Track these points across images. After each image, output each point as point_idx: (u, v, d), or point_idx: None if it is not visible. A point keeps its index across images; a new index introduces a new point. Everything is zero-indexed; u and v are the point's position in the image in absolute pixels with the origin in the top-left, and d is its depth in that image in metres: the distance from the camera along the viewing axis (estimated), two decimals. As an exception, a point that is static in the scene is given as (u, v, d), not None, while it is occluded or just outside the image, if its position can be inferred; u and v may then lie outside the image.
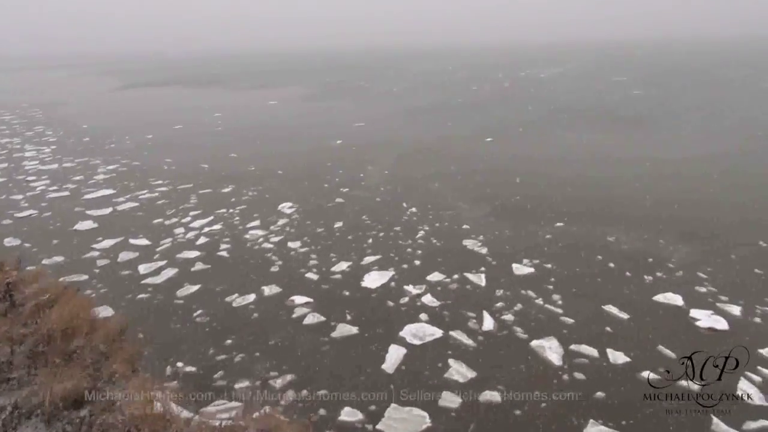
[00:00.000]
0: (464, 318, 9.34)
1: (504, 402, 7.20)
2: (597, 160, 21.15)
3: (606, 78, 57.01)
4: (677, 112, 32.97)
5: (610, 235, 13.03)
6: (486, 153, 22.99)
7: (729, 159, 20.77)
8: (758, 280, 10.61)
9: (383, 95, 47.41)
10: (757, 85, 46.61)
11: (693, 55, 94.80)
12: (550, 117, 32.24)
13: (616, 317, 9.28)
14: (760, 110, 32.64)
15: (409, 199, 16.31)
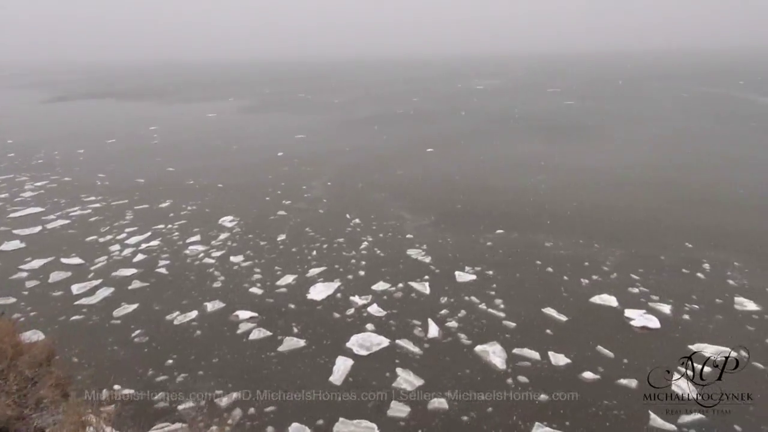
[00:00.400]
0: (410, 326, 9.42)
1: (451, 408, 7.29)
2: (532, 168, 21.80)
3: (541, 89, 59.01)
4: (606, 121, 34.48)
5: (547, 241, 13.45)
6: (427, 163, 23.32)
7: (654, 166, 21.86)
8: (685, 279, 11.20)
9: (324, 106, 47.36)
10: (677, 95, 49.36)
11: (628, 67, 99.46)
12: (486, 127, 33.04)
13: (556, 320, 9.58)
14: (679, 119, 34.54)
15: (353, 211, 16.33)
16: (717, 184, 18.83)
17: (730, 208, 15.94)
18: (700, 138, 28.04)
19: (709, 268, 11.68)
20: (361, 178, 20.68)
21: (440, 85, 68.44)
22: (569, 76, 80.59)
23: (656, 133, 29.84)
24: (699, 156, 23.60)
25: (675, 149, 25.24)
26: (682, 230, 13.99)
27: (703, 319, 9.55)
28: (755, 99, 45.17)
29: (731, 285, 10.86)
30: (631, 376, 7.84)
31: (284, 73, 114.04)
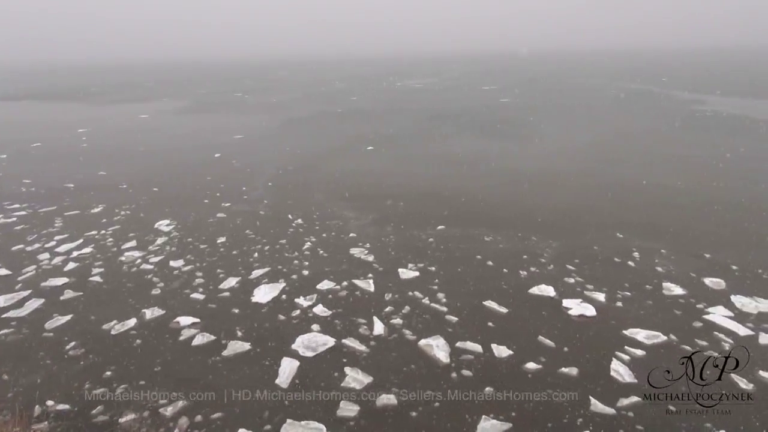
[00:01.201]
0: (356, 325, 9.44)
1: (400, 404, 7.36)
2: (469, 165, 22.28)
3: (477, 87, 60.22)
4: (539, 117, 35.60)
5: (487, 236, 13.79)
6: (367, 161, 23.41)
7: (585, 161, 22.77)
8: (617, 268, 11.74)
9: (262, 106, 46.67)
10: (606, 92, 51.51)
11: (563, 64, 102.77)
12: (424, 125, 33.48)
13: (497, 312, 9.83)
14: (608, 115, 36.09)
15: (295, 211, 16.20)
16: (644, 177, 19.79)
17: (657, 201, 16.82)
18: (627, 134, 29.39)
19: (638, 256, 12.28)
20: (303, 178, 20.53)
21: (379, 84, 68.70)
22: (506, 74, 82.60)
23: (585, 127, 31.07)
24: (627, 151, 24.72)
25: (605, 145, 26.36)
26: (613, 222, 14.65)
27: (635, 305, 10.03)
28: (676, 95, 47.71)
29: (659, 272, 11.46)
30: (571, 364, 8.15)
31: (221, 72, 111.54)
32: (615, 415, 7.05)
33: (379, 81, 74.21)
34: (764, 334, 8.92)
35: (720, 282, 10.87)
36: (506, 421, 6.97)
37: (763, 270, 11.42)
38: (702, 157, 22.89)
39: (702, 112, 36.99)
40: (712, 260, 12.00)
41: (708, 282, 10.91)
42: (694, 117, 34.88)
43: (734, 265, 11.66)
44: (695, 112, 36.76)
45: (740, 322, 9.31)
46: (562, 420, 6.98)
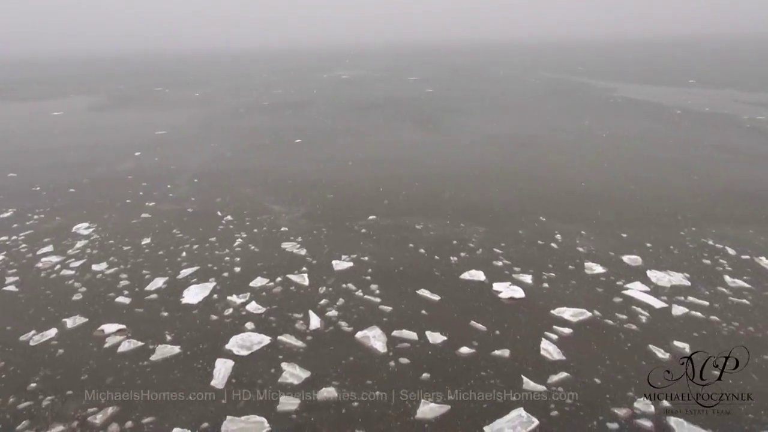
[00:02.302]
0: (291, 320, 9.36)
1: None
2: (397, 154, 22.50)
3: (403, 78, 60.71)
4: (464, 107, 36.38)
5: (417, 224, 14.00)
6: (296, 154, 23.17)
7: (509, 149, 23.49)
8: (541, 250, 12.23)
9: (185, 101, 45.12)
10: (527, 81, 53.26)
11: (485, 56, 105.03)
12: (351, 116, 33.48)
13: (430, 299, 10.01)
14: (530, 105, 37.36)
15: (224, 208, 15.82)
16: (562, 162, 20.66)
17: (576, 185, 17.61)
18: (544, 121, 30.55)
19: (560, 238, 12.83)
20: (230, 173, 20.06)
21: (305, 76, 67.95)
22: (432, 65, 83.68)
23: (505, 115, 32.06)
24: (544, 138, 25.71)
25: (523, 132, 27.28)
26: (536, 206, 15.24)
27: (561, 285, 10.49)
28: (592, 83, 49.97)
29: (580, 252, 12.03)
30: (503, 346, 8.43)
31: (142, 66, 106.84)
32: (546, 391, 7.36)
33: (306, 73, 73.39)
34: (677, 306, 9.55)
35: (636, 259, 11.53)
36: (444, 404, 7.14)
37: (674, 246, 12.21)
38: (614, 141, 24.14)
39: (615, 98, 38.95)
40: (628, 239, 12.70)
41: (626, 259, 11.55)
42: (607, 103, 36.69)
43: (648, 243, 12.40)
44: (608, 99, 38.67)
45: (655, 296, 9.93)
46: (497, 399, 7.23)
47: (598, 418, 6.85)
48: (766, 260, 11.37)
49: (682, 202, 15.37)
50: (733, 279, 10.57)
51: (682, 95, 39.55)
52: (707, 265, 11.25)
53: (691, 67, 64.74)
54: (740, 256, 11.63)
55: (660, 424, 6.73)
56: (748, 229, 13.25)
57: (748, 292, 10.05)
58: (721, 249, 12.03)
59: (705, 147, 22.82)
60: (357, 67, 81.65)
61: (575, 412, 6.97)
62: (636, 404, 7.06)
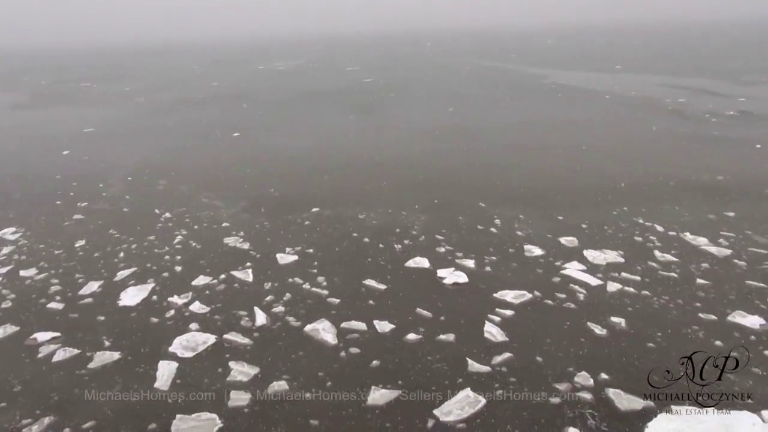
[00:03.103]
0: (236, 318, 9.20)
1: (292, 388, 7.36)
2: (337, 145, 22.44)
3: (340, 68, 60.37)
4: (400, 96, 36.60)
5: (360, 214, 14.03)
6: (234, 148, 22.73)
7: (445, 135, 23.83)
8: (482, 235, 12.51)
9: (114, 96, 43.31)
10: (462, 69, 54.06)
11: (420, 45, 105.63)
12: (289, 108, 33.09)
13: (377, 289, 10.08)
14: (466, 91, 37.97)
15: (161, 205, 15.33)
16: (498, 148, 21.16)
17: (512, 170, 18.09)
18: (479, 107, 31.18)
19: (500, 223, 13.15)
20: (165, 170, 19.45)
21: (241, 68, 66.51)
22: (371, 54, 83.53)
23: (441, 103, 32.46)
24: (480, 124, 26.24)
25: (460, 119, 27.73)
26: (475, 192, 15.55)
27: (502, 268, 10.77)
28: (524, 70, 51.23)
29: (520, 235, 12.38)
30: (448, 330, 8.60)
31: (65, 60, 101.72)
32: (490, 372, 7.58)
33: (241, 65, 71.83)
34: (612, 283, 9.99)
35: (573, 240, 11.97)
36: (394, 389, 7.25)
37: (608, 226, 12.74)
38: (546, 127, 24.91)
39: (546, 85, 40.11)
40: (564, 221, 13.16)
41: (563, 241, 11.97)
42: (540, 89, 37.74)
43: (584, 224, 12.88)
44: (541, 85, 39.78)
45: (592, 274, 10.35)
46: (444, 382, 7.38)
47: (540, 393, 7.11)
48: (690, 235, 12.04)
49: (613, 184, 16.04)
50: (662, 254, 11.14)
51: (609, 81, 41.13)
52: (638, 242, 11.80)
53: (621, 53, 67.35)
54: (668, 233, 12.26)
55: (599, 395, 7.05)
56: (674, 206, 13.98)
57: (676, 266, 10.62)
58: (650, 226, 12.65)
59: (630, 130, 23.86)
60: (294, 58, 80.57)
61: (519, 390, 7.21)
62: (576, 378, 7.36)
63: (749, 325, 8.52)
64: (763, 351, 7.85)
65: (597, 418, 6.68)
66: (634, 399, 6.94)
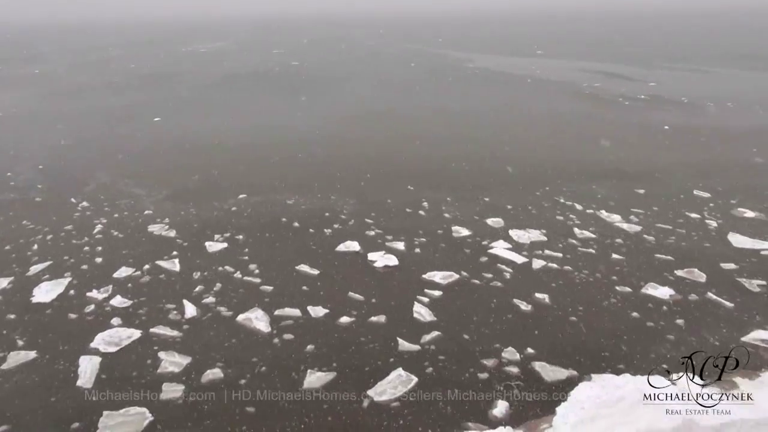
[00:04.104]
0: (164, 311, 8.88)
1: (227, 376, 7.27)
2: (264, 130, 22.02)
3: (265, 51, 58.98)
4: (327, 78, 36.29)
5: (289, 199, 13.90)
6: (155, 132, 21.84)
7: (374, 119, 23.91)
8: (411, 218, 12.71)
9: (22, 79, 40.39)
10: (387, 52, 54.16)
11: (352, 29, 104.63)
12: (213, 91, 32.14)
13: (310, 274, 10.06)
14: (389, 74, 38.12)
15: (77, 194, 14.54)
16: (426, 133, 21.44)
17: (439, 154, 18.39)
18: (407, 90, 31.45)
19: (428, 205, 13.40)
20: (80, 156, 18.46)
21: (162, 49, 63.65)
22: (300, 37, 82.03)
23: (369, 87, 32.51)
24: (407, 107, 26.50)
25: (387, 102, 27.87)
26: (402, 176, 15.72)
27: (431, 249, 11.00)
28: (451, 54, 51.97)
29: (447, 217, 12.66)
30: (379, 312, 8.73)
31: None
32: (420, 351, 7.78)
33: (162, 46, 68.70)
34: (536, 260, 10.44)
35: (499, 220, 12.38)
36: (329, 371, 7.34)
37: (532, 207, 13.26)
38: (469, 111, 25.49)
39: (471, 69, 40.91)
40: (490, 203, 13.57)
41: (489, 221, 12.35)
42: (464, 74, 38.46)
43: (509, 205, 13.33)
44: (466, 69, 40.54)
45: (517, 252, 10.77)
46: (377, 362, 7.53)
47: (469, 369, 7.38)
48: (605, 213, 12.73)
49: (535, 166, 16.67)
50: (581, 231, 11.73)
51: (531, 65, 42.43)
52: (560, 221, 12.37)
53: (542, 39, 69.49)
54: (585, 211, 12.92)
55: (526, 369, 7.40)
56: (591, 185, 14.72)
57: (594, 242, 11.23)
58: (570, 206, 13.27)
59: (550, 112, 24.81)
60: (219, 40, 77.88)
61: (448, 367, 7.45)
62: (503, 354, 7.68)
63: (660, 296, 9.17)
64: (675, 320, 8.48)
65: (524, 389, 7.01)
66: (558, 370, 7.34)
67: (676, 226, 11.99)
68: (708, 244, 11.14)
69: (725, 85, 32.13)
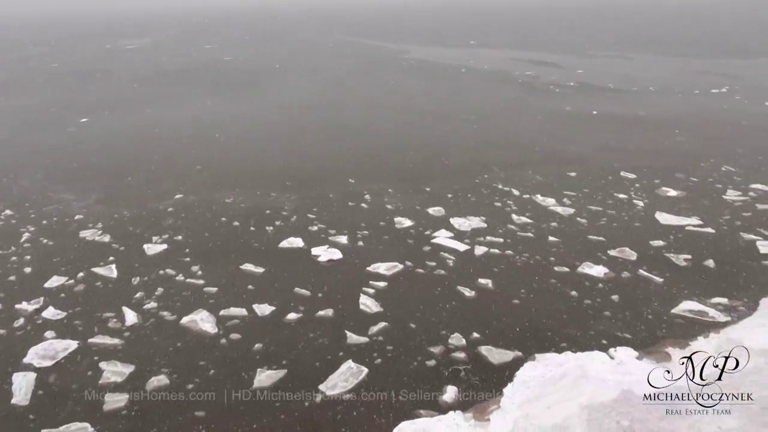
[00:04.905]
0: (102, 320, 8.52)
1: (173, 382, 7.11)
2: (194, 128, 21.38)
3: (198, 46, 57.30)
4: (262, 72, 35.72)
5: (227, 198, 13.63)
6: (82, 134, 20.87)
7: (309, 112, 23.74)
8: (353, 211, 12.76)
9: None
10: (323, 44, 53.76)
11: (282, 22, 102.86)
12: (140, 89, 31.00)
13: (254, 273, 9.93)
14: (326, 66, 37.90)
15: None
16: (364, 123, 21.49)
17: (379, 145, 18.49)
18: (343, 83, 31.36)
19: (370, 198, 13.47)
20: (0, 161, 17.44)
21: (85, 46, 60.69)
22: (233, 31, 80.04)
23: (306, 81, 32.21)
24: (348, 101, 26.41)
25: (327, 97, 27.68)
26: (343, 169, 15.72)
27: (374, 242, 11.08)
28: (385, 45, 52.09)
29: (389, 209, 12.77)
30: (326, 307, 8.74)
31: None
32: (368, 342, 7.87)
33: (86, 43, 65.51)
34: (478, 247, 10.70)
35: (440, 209, 12.58)
36: (279, 368, 7.31)
37: (471, 194, 13.55)
38: (406, 100, 25.70)
39: (407, 60, 41.19)
40: (431, 192, 13.77)
41: (431, 211, 12.54)
42: (400, 65, 38.69)
43: (449, 194, 13.57)
44: (401, 60, 40.78)
45: (459, 240, 11.00)
46: (326, 357, 7.55)
47: (417, 358, 7.51)
48: (540, 197, 13.18)
49: (473, 153, 17.04)
50: (518, 216, 12.10)
51: (465, 55, 43.12)
52: (498, 207, 12.71)
53: (475, 30, 70.61)
54: (522, 196, 13.33)
55: (472, 353, 7.59)
56: (527, 170, 15.18)
57: (531, 227, 11.61)
58: (508, 191, 13.65)
59: (484, 101, 25.36)
60: (147, 35, 74.99)
61: (397, 357, 7.56)
62: (450, 340, 7.86)
63: (595, 274, 9.60)
64: (610, 296, 8.91)
65: (472, 373, 7.21)
66: (504, 352, 7.58)
67: (606, 207, 12.55)
68: (637, 224, 11.73)
69: (647, 70, 33.72)
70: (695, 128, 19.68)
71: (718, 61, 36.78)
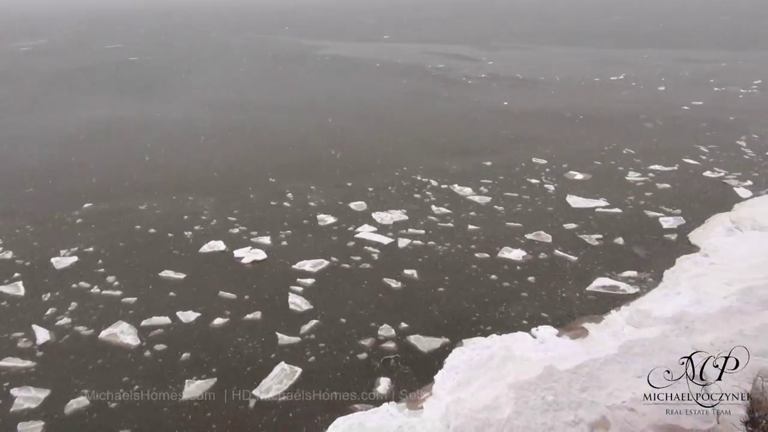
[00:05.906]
0: (10, 341, 7.99)
1: (95, 402, 6.79)
2: (98, 131, 20.20)
3: (99, 46, 54.19)
4: (168, 72, 34.38)
5: (141, 204, 13.02)
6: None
7: (218, 112, 23.09)
8: (275, 210, 12.59)
9: None
10: (234, 43, 52.46)
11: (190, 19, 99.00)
12: (37, 93, 28.99)
13: (174, 279, 9.62)
14: (245, 65, 37.06)
15: None
16: (279, 123, 21.21)
17: (295, 142, 18.32)
18: (257, 83, 30.75)
19: (292, 196, 13.35)
20: None
21: (-35, 47, 55.81)
22: (137, 30, 76.17)
23: (217, 81, 31.33)
24: (262, 100, 25.94)
25: (237, 96, 27.03)
26: (263, 169, 15.41)
27: (298, 240, 11.02)
28: (301, 42, 51.50)
29: (312, 206, 12.72)
30: (254, 309, 8.64)
31: None
32: (300, 341, 7.86)
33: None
34: (401, 239, 10.88)
35: (362, 204, 12.67)
36: (210, 378, 7.16)
37: (391, 187, 13.73)
38: (324, 96, 25.62)
39: (322, 56, 40.95)
40: (353, 187, 13.83)
41: (353, 206, 12.61)
42: (316, 60, 38.42)
43: (370, 188, 13.69)
44: (316, 56, 40.50)
45: (383, 234, 11.14)
46: (257, 361, 7.46)
47: (349, 352, 7.59)
48: (458, 186, 13.58)
49: (391, 146, 17.24)
50: (438, 207, 12.40)
51: (379, 50, 43.39)
52: (418, 199, 12.95)
53: (388, 24, 71.08)
54: (441, 186, 13.66)
55: (402, 343, 7.75)
56: (444, 161, 15.56)
57: (450, 217, 11.94)
58: (426, 182, 13.94)
59: (399, 94, 25.70)
60: (40, 36, 70.03)
61: (329, 353, 7.60)
62: (379, 332, 7.99)
63: (514, 258, 10.04)
64: (527, 278, 9.34)
65: (403, 362, 7.36)
66: (432, 339, 7.79)
67: (521, 193, 13.11)
68: (550, 208, 12.34)
69: (551, 60, 35.34)
70: (597, 114, 20.90)
71: (615, 51, 39.13)
